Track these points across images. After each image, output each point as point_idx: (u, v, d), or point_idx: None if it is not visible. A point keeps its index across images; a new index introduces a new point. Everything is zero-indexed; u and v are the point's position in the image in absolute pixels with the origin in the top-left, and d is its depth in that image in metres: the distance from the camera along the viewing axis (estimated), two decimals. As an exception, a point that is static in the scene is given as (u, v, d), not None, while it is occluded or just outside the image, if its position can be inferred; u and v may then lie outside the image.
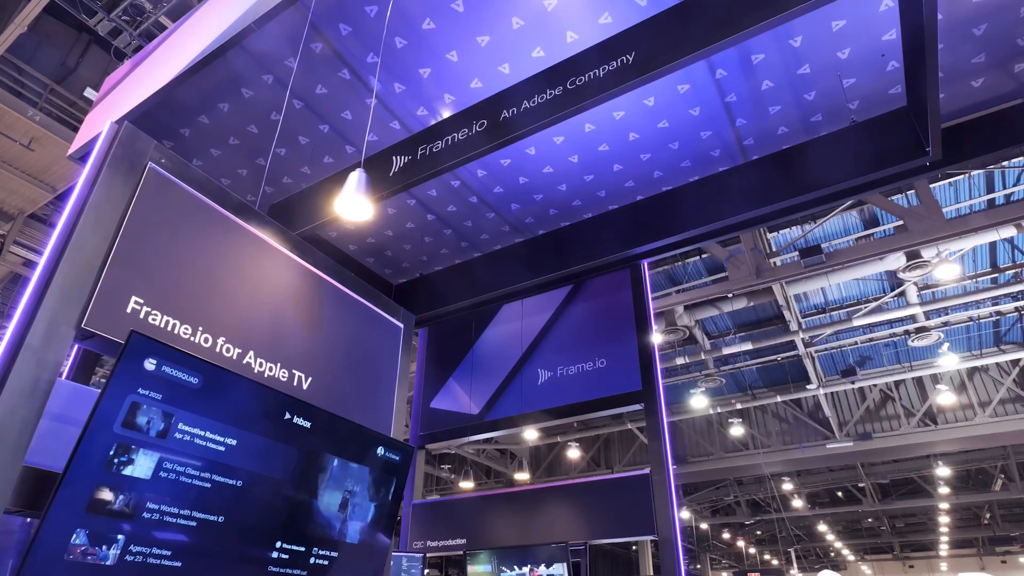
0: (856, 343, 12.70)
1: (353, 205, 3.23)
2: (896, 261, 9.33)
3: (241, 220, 3.24)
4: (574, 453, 16.10)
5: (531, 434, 14.56)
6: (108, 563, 2.19)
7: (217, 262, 3.06)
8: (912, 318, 11.27)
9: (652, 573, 17.07)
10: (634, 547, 20.26)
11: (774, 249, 10.03)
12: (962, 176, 8.52)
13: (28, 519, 2.46)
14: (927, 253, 9.04)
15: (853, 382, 12.46)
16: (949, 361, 11.81)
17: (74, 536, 2.11)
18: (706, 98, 5.00)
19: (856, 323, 10.93)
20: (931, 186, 8.11)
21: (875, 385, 13.73)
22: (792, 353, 12.61)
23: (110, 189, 2.57)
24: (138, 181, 2.69)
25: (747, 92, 4.93)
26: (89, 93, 8.74)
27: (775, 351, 12.75)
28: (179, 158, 2.93)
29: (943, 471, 16.94)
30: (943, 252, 8.87)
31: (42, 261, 2.41)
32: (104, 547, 2.18)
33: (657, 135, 5.37)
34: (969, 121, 5.05)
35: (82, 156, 5.25)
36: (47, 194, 9.51)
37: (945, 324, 11.40)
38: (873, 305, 11.04)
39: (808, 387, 12.84)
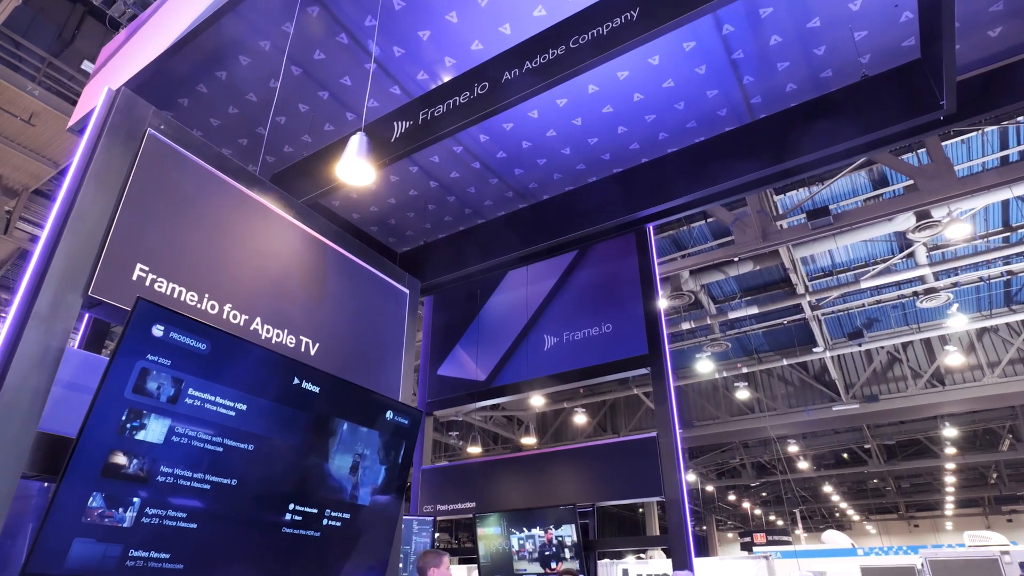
0: (863, 305, 12.65)
1: (355, 169, 3.20)
2: (906, 222, 9.22)
3: (243, 186, 3.21)
4: (580, 419, 16.26)
5: (537, 400, 14.70)
6: (125, 525, 2.23)
7: (221, 229, 3.05)
8: (921, 279, 11.18)
9: (658, 534, 17.38)
10: (640, 509, 20.61)
11: (780, 212, 9.92)
12: (975, 133, 8.36)
13: (45, 484, 2.50)
14: (938, 213, 8.93)
15: (860, 344, 12.45)
16: (958, 322, 11.77)
17: (91, 499, 2.15)
18: (712, 55, 4.89)
19: (864, 285, 10.87)
20: (943, 144, 7.97)
21: (882, 347, 13.72)
22: (798, 316, 12.59)
23: (110, 156, 2.55)
24: (138, 148, 2.67)
25: (755, 48, 4.81)
26: (86, 66, 8.63)
27: (781, 315, 12.72)
28: (178, 124, 2.90)
29: (950, 432, 17.03)
30: (954, 211, 8.76)
31: (46, 230, 2.40)
32: (120, 509, 2.22)
33: (662, 95, 5.27)
34: (985, 73, 4.91)
35: (82, 128, 5.20)
36: (50, 169, 9.48)
37: (955, 285, 11.32)
38: (881, 267, 10.96)
39: (814, 350, 12.85)
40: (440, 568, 4.22)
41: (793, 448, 19.05)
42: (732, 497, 26.57)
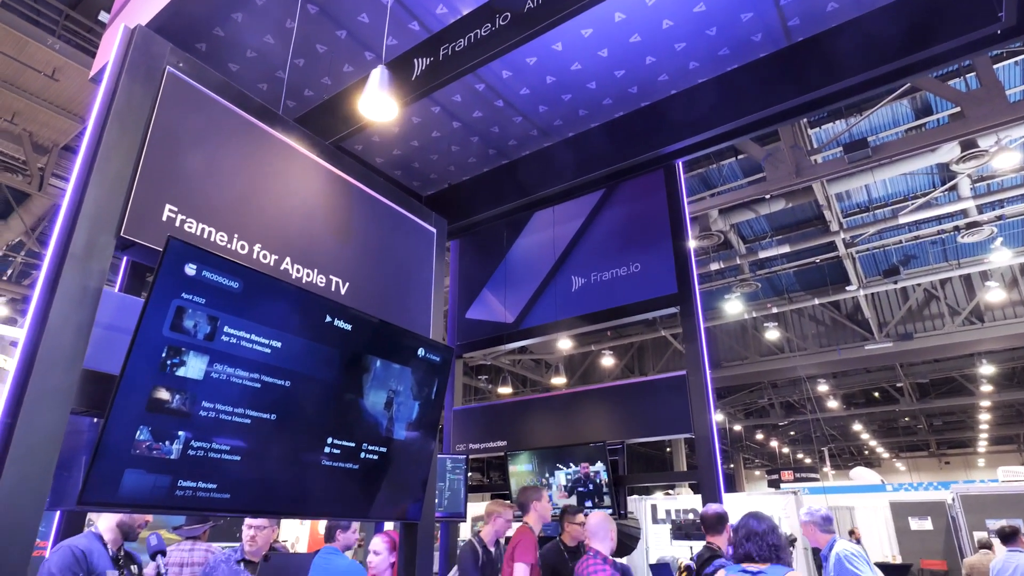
0: (900, 242, 12.29)
1: (378, 104, 3.13)
2: (949, 152, 8.80)
3: (265, 125, 3.18)
4: (608, 361, 16.37)
5: (565, 343, 14.80)
6: (172, 457, 2.32)
7: (246, 169, 3.03)
8: (963, 213, 10.77)
9: (686, 470, 17.69)
10: (668, 448, 20.92)
11: (815, 146, 9.55)
12: (1029, 53, 7.84)
13: (95, 419, 2.60)
14: (984, 142, 8.50)
15: (896, 282, 12.16)
16: (1001, 257, 11.36)
17: (138, 432, 2.22)
18: (747, -26, 4.60)
19: (902, 221, 10.52)
20: (994, 67, 7.49)
21: (919, 284, 13.39)
22: (832, 255, 12.30)
23: (131, 95, 2.52)
24: (158, 86, 2.64)
25: (793, -35, 4.51)
26: (103, 17, 8.54)
27: (813, 253, 12.44)
28: (197, 61, 2.85)
29: (987, 369, 16.74)
30: (1003, 140, 8.32)
31: (74, 171, 2.42)
32: (167, 443, 2.30)
33: (693, 21, 5.01)
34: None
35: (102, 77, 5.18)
36: (77, 125, 9.56)
37: (999, 218, 10.88)
38: (921, 201, 10.57)
39: (848, 289, 12.60)
40: (542, 502, 4.37)
41: (823, 388, 18.98)
42: (760, 436, 26.78)
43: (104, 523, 3.10)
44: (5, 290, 12.10)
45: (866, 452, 31.27)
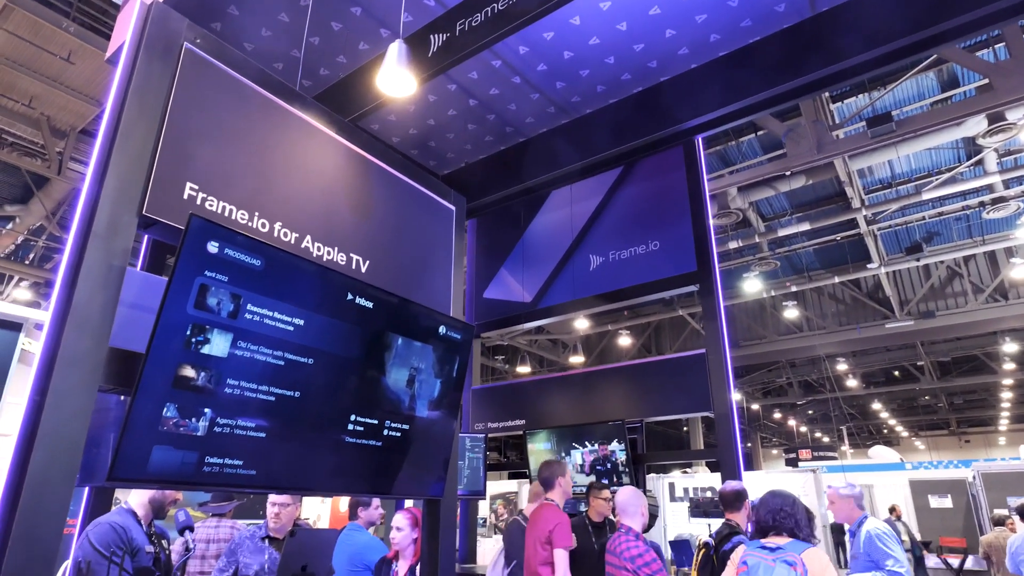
0: (923, 218, 12.04)
1: (396, 79, 3.08)
2: (976, 126, 8.56)
3: (283, 102, 3.15)
4: (625, 341, 16.32)
5: (582, 323, 14.77)
6: (199, 434, 2.34)
7: (265, 147, 3.02)
8: (989, 188, 10.51)
9: (703, 447, 17.72)
10: (684, 428, 20.92)
11: (837, 121, 9.33)
12: (1063, 20, 7.56)
13: (121, 397, 2.63)
14: (1013, 115, 8.26)
15: (918, 259, 11.93)
16: (1027, 232, 11.10)
17: (165, 409, 2.24)
18: (771, -59, 4.45)
19: (925, 197, 10.28)
20: (1025, 34, 7.23)
21: (942, 262, 13.14)
22: (852, 232, 12.09)
23: (149, 72, 2.51)
24: (176, 63, 2.61)
25: (819, -71, 4.36)
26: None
27: (834, 231, 12.24)
28: (214, 37, 2.82)
29: (1010, 347, 16.47)
30: (1032, 111, 8.06)
31: (95, 150, 2.41)
32: (193, 419, 2.32)
33: (715, -10, 4.88)
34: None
35: (118, 59, 5.18)
36: (94, 108, 9.60)
37: (1026, 192, 10.60)
38: (946, 176, 10.32)
39: (869, 266, 12.39)
40: (567, 477, 4.29)
41: (842, 366, 18.80)
42: (778, 415, 26.68)
43: (136, 499, 3.16)
44: (28, 274, 12.29)
45: (885, 431, 31.06)
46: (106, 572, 2.38)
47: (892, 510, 11.37)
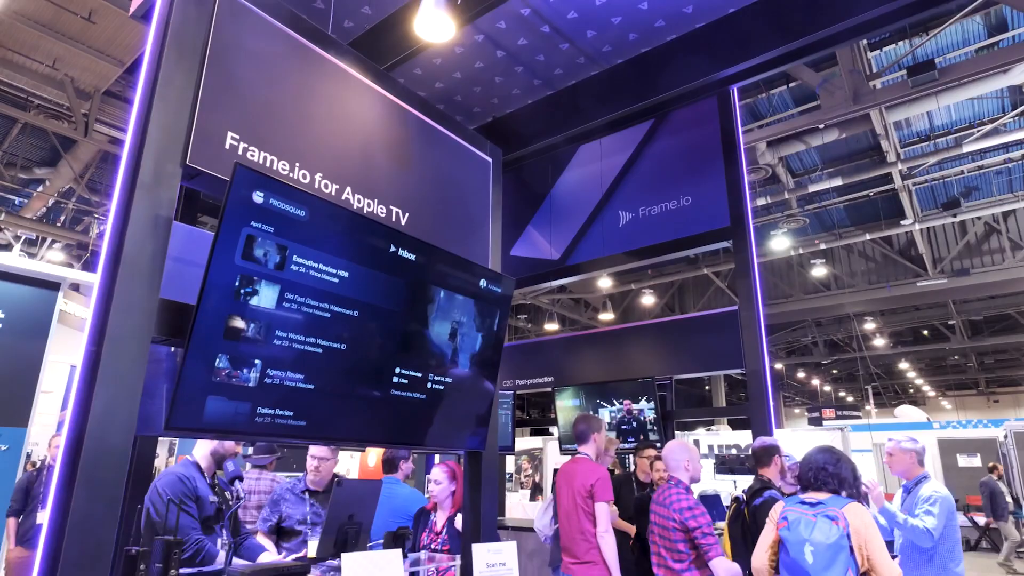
0: (962, 172, 11.63)
1: (434, 23, 2.98)
2: (1023, 74, 8.16)
3: (319, 48, 3.08)
4: (648, 299, 16.22)
5: (605, 282, 14.68)
6: (251, 385, 2.35)
7: (303, 95, 2.95)
8: (1034, 139, 10.08)
9: (724, 404, 17.80)
10: (707, 386, 20.94)
11: (875, 70, 8.95)
12: None
13: (173, 348, 2.66)
14: (1066, 59, 7.83)
15: (955, 215, 11.59)
16: (1072, 185, 10.69)
17: (217, 360, 2.25)
18: None
19: (966, 149, 9.90)
20: (1085, -29, 6.81)
21: (979, 217, 12.75)
22: (886, 187, 11.74)
23: (186, 18, 2.44)
24: (212, 8, 2.55)
25: None
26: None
27: (867, 186, 11.89)
28: (248, -20, 2.74)
29: (1046, 305, 16.08)
30: (1087, 55, 7.64)
31: (136, 99, 2.37)
32: (245, 370, 2.33)
33: (758, -72, 4.63)
34: None
35: (144, 14, 5.09)
36: (116, 68, 9.54)
37: (1074, 143, 10.16)
38: (988, 127, 9.91)
39: (902, 223, 12.08)
40: (601, 432, 4.27)
41: (869, 325, 18.55)
42: (801, 375, 26.57)
43: (200, 451, 3.26)
44: (60, 235, 12.49)
45: (911, 391, 30.80)
46: (175, 518, 2.46)
47: (993, 468, 11.04)
